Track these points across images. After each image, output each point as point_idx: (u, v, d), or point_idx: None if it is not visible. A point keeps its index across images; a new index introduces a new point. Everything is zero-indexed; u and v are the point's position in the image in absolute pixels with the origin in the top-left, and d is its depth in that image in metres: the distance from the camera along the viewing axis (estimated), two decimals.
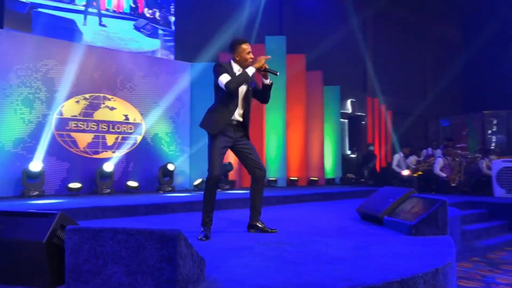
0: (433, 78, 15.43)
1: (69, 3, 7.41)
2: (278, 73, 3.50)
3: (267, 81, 3.53)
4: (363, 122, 11.54)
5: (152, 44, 8.41)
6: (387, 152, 12.56)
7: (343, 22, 12.24)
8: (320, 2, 11.83)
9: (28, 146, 6.45)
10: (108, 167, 6.69)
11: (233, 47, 3.46)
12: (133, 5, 8.21)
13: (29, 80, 6.51)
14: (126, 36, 8.09)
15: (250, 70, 3.31)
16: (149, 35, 8.38)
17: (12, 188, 6.25)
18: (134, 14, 8.19)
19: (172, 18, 8.76)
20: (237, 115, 3.42)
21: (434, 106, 15.12)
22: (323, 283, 1.98)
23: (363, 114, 11.79)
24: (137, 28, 8.24)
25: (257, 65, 3.33)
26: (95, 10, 7.72)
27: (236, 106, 3.40)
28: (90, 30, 7.67)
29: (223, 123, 3.34)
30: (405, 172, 9.01)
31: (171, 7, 8.75)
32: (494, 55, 15.33)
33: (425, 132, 14.29)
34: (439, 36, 15.60)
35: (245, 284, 1.98)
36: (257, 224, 3.53)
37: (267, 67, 3.45)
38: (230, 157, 8.60)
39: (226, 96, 3.36)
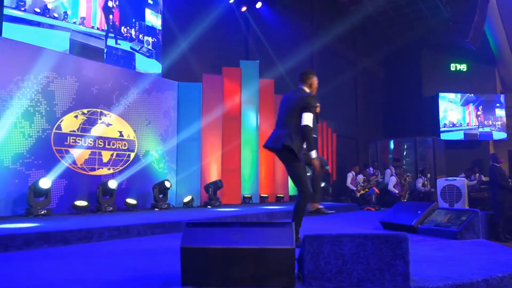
0: (363, 107, 17.38)
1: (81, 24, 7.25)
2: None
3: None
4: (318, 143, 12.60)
5: (156, 67, 8.56)
6: (333, 171, 13.79)
7: (298, 51, 13.32)
8: (279, 33, 12.77)
9: (27, 162, 6.06)
10: (112, 184, 6.55)
11: (307, 77, 3.99)
12: (111, 22, 8.02)
13: (30, 92, 6.17)
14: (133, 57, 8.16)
15: (314, 154, 3.72)
16: (149, 57, 8.41)
17: (10, 207, 5.80)
18: (112, 31, 8.05)
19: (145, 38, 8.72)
20: None
21: (364, 130, 17.00)
22: (467, 272, 2.62)
23: (315, 136, 12.83)
24: (134, 50, 8.21)
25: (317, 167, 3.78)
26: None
27: None
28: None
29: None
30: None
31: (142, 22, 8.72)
32: (410, 91, 17.80)
33: (365, 154, 16.06)
34: (367, 70, 17.72)
35: (433, 277, 2.52)
36: None
37: None
38: (213, 175, 8.88)
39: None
